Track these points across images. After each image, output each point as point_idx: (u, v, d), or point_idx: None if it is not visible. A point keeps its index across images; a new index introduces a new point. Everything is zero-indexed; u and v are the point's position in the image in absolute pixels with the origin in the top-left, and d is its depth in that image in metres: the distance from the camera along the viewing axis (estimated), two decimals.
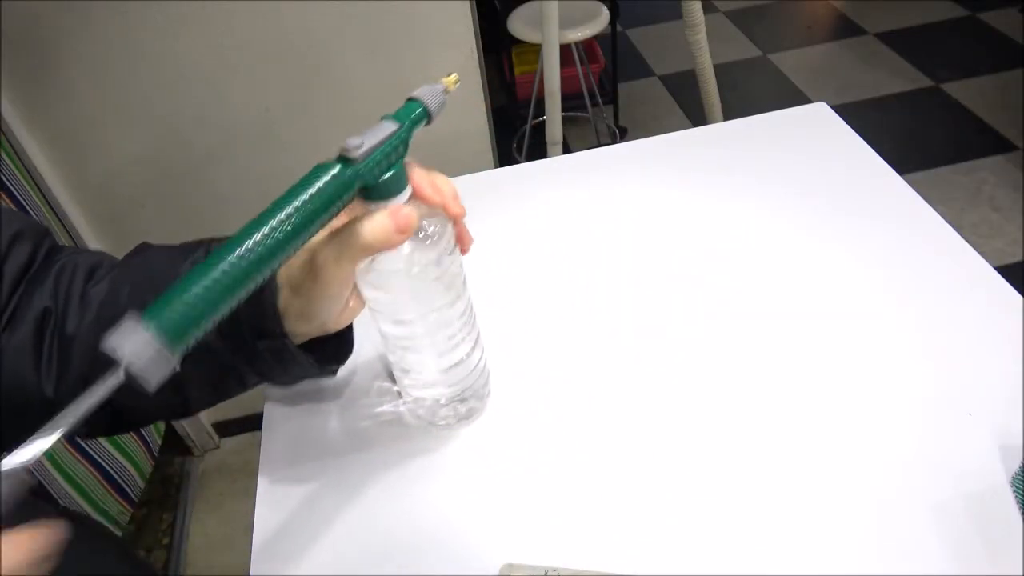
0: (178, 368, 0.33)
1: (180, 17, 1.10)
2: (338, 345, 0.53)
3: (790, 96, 2.57)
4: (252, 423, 1.72)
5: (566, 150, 2.04)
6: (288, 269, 0.45)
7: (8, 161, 1.11)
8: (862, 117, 2.37)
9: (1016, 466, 0.49)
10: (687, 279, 0.67)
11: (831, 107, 0.84)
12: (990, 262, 0.63)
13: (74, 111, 1.16)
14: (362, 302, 0.49)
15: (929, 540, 0.47)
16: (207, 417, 1.69)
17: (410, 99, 0.43)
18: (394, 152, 0.41)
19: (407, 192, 0.43)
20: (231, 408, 1.70)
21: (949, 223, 0.68)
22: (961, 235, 0.66)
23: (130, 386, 0.32)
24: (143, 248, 0.51)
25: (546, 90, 1.46)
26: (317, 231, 0.39)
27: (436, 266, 0.46)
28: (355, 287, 0.47)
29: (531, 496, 0.52)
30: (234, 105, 1.21)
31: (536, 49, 2.05)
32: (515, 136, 2.34)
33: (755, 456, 0.53)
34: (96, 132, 1.19)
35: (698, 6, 1.43)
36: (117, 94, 1.16)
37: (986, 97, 2.43)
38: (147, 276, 0.48)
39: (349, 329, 0.53)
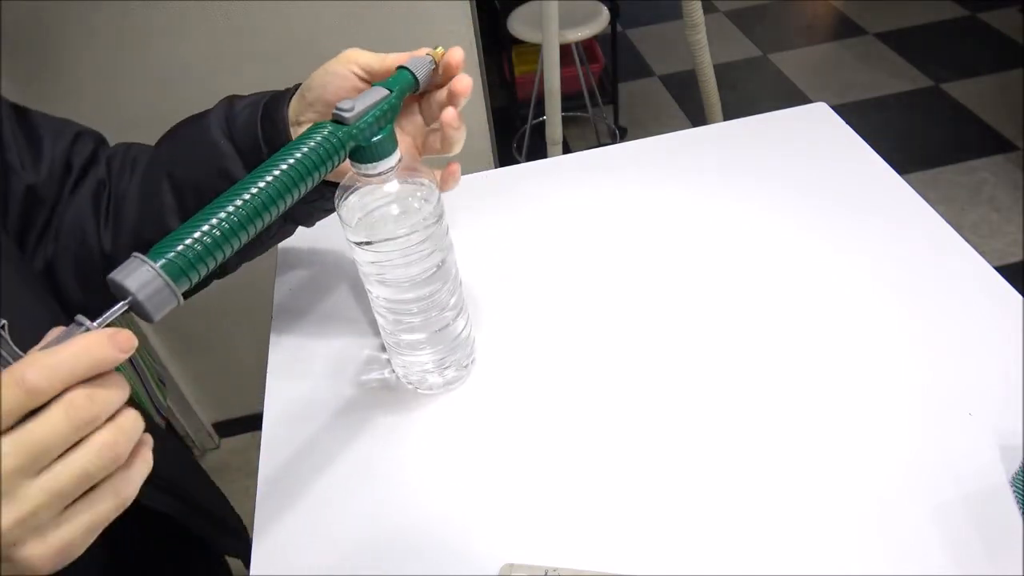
0: (182, 303, 0.36)
1: (180, 17, 1.10)
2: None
3: (790, 96, 2.57)
4: (252, 423, 1.72)
5: (566, 150, 2.04)
6: None
7: None
8: (862, 117, 2.38)
9: (1016, 466, 0.49)
10: (687, 279, 0.67)
11: (831, 107, 0.84)
12: (990, 262, 0.63)
13: (74, 111, 1.16)
14: None
15: (929, 540, 0.47)
16: (207, 417, 1.69)
17: (400, 68, 0.47)
18: (384, 116, 0.44)
19: (396, 155, 0.46)
20: (231, 408, 1.69)
21: (949, 223, 0.68)
22: (961, 235, 0.66)
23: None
24: (176, 126, 0.59)
25: (546, 90, 1.46)
26: (312, 186, 0.41)
27: (423, 228, 0.49)
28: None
29: (531, 496, 0.52)
30: None
31: (536, 49, 2.05)
32: (515, 136, 2.34)
33: (756, 456, 0.53)
34: None
35: (698, 6, 1.43)
36: (117, 94, 1.16)
37: (986, 97, 2.43)
38: (178, 137, 0.57)
39: None
